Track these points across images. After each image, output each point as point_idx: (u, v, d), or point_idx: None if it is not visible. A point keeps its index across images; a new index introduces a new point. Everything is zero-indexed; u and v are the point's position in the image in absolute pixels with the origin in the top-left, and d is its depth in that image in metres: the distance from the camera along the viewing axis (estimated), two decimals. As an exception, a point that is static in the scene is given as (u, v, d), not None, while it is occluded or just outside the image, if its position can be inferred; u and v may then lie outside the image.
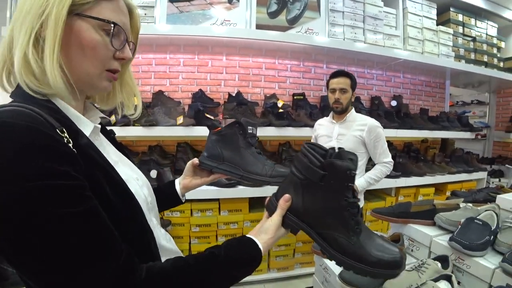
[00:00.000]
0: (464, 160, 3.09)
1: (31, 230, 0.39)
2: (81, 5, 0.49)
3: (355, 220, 0.60)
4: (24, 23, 0.47)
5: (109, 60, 0.55)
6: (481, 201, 1.51)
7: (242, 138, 0.80)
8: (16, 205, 0.38)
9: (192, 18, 2.14)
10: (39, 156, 0.40)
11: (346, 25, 2.44)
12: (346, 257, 0.59)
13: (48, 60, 0.47)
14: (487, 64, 3.20)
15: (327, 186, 0.59)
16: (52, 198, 0.40)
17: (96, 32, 0.51)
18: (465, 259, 1.04)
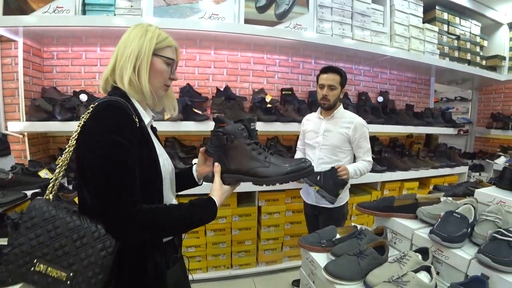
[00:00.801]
0: (447, 155, 3.19)
1: (101, 160, 0.75)
2: (157, 50, 0.90)
3: (261, 151, 0.92)
4: (130, 60, 0.86)
5: (166, 79, 0.94)
6: (460, 195, 1.57)
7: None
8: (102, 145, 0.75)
9: (180, 11, 2.11)
10: (121, 124, 0.78)
11: (334, 21, 2.46)
12: (269, 177, 0.88)
13: (143, 81, 0.88)
14: (470, 62, 3.29)
15: (233, 143, 0.92)
16: (116, 148, 0.76)
17: (164, 64, 0.92)
18: (444, 250, 1.09)
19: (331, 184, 1.63)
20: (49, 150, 2.46)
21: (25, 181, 1.70)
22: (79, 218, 0.75)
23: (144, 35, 0.88)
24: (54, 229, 0.73)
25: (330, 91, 1.79)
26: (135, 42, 0.87)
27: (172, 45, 0.94)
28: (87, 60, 2.47)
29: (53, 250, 0.72)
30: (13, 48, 2.21)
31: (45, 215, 0.75)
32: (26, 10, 1.98)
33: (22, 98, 2.14)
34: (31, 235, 0.73)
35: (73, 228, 0.73)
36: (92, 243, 0.72)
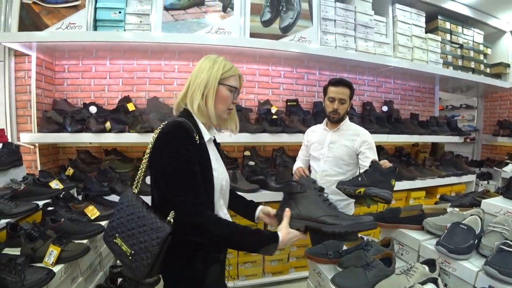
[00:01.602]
0: (454, 164, 3.18)
1: (173, 170, 0.91)
2: (222, 79, 1.04)
3: (329, 203, 1.05)
4: (200, 89, 1.02)
5: (230, 104, 1.08)
6: (467, 205, 1.57)
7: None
8: (170, 156, 0.92)
9: (187, 26, 2.18)
10: (184, 139, 0.95)
11: (337, 33, 2.51)
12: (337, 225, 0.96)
13: (209, 106, 1.03)
14: (474, 70, 3.30)
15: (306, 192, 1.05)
16: (182, 157, 0.92)
17: (228, 91, 1.05)
18: (451, 262, 1.09)
19: (378, 176, 1.30)
20: (59, 160, 2.51)
21: (36, 191, 1.74)
22: (147, 210, 0.94)
23: (212, 67, 1.03)
24: (131, 215, 0.94)
25: (341, 105, 1.76)
26: (204, 72, 1.03)
27: (235, 74, 1.07)
28: (97, 73, 2.54)
29: (126, 230, 0.93)
30: (26, 62, 2.29)
31: (129, 203, 0.97)
32: (40, 26, 2.06)
33: (34, 110, 2.21)
34: (119, 215, 0.96)
35: (141, 217, 0.92)
36: (149, 231, 0.89)
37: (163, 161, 0.94)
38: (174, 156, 0.92)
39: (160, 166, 0.95)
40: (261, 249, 0.95)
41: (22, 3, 2.07)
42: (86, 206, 1.73)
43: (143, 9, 2.16)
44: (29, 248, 1.24)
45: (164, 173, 0.93)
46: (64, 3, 2.08)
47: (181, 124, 0.96)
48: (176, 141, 0.93)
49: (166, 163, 0.93)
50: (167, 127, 0.96)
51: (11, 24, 2.06)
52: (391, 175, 1.29)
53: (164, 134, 0.95)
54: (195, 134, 0.98)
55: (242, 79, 1.14)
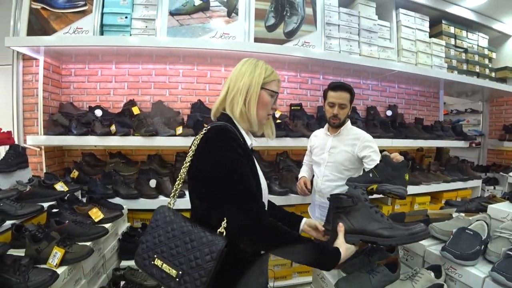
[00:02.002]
0: (459, 169, 3.14)
1: (227, 176, 0.86)
2: (264, 84, 1.00)
3: (382, 214, 1.02)
4: (241, 94, 0.98)
5: (270, 109, 1.05)
6: (473, 210, 1.55)
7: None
8: (223, 161, 0.87)
9: (192, 31, 2.20)
10: (234, 144, 0.90)
11: (341, 38, 2.52)
12: (394, 237, 0.96)
13: (252, 112, 0.99)
14: (479, 74, 3.28)
15: (357, 205, 1.02)
16: (235, 160, 0.87)
17: (269, 96, 1.02)
18: (457, 268, 1.08)
19: (391, 171, 1.22)
20: (64, 163, 2.53)
21: (41, 193, 1.75)
22: (192, 224, 0.87)
23: (254, 71, 1.00)
24: (172, 231, 0.85)
25: (341, 110, 1.73)
26: (246, 76, 0.99)
27: (276, 79, 1.04)
28: (103, 77, 2.58)
29: (169, 249, 0.84)
30: (34, 65, 2.33)
31: (166, 218, 0.88)
32: (49, 31, 2.10)
33: (41, 113, 2.24)
34: (155, 234, 0.87)
35: (186, 232, 0.84)
36: (199, 247, 0.81)
37: (214, 167, 0.87)
38: (226, 160, 0.86)
39: (210, 173, 0.88)
40: (320, 263, 0.93)
41: (31, 8, 2.11)
42: (90, 208, 1.74)
43: (149, 14, 2.19)
44: (34, 249, 1.25)
45: (216, 180, 0.87)
46: (72, 8, 2.12)
47: (227, 128, 0.93)
48: (226, 145, 0.88)
49: (217, 169, 0.87)
50: (212, 132, 0.91)
51: (20, 28, 2.10)
52: (404, 169, 1.21)
53: (211, 139, 0.90)
54: (241, 139, 0.95)
55: (280, 81, 1.10)
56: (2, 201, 1.43)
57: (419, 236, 0.97)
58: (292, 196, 2.33)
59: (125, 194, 2.09)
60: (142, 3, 2.19)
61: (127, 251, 1.87)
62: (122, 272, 1.70)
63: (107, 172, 2.30)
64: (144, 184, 2.16)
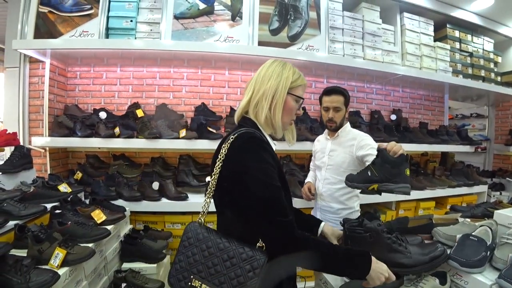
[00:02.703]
0: (464, 174, 3.10)
1: (260, 189, 0.81)
2: (291, 89, 0.96)
3: (400, 243, 1.04)
4: (267, 99, 0.93)
5: (294, 115, 1.01)
6: (479, 216, 1.52)
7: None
8: (253, 170, 0.83)
9: (196, 34, 2.22)
10: (265, 154, 0.86)
11: (345, 42, 2.51)
12: (415, 267, 0.99)
13: (277, 118, 0.94)
14: (485, 79, 3.26)
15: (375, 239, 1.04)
16: (267, 174, 0.83)
17: (294, 101, 0.98)
18: (463, 275, 1.05)
19: (389, 168, 1.13)
20: (68, 164, 2.55)
21: (45, 194, 1.76)
22: (228, 240, 0.82)
23: (281, 74, 0.94)
24: (207, 249, 0.81)
25: (336, 113, 1.75)
26: (273, 80, 0.94)
27: (303, 84, 0.99)
28: (107, 80, 2.60)
29: (206, 268, 0.80)
30: (40, 68, 2.36)
31: (199, 236, 0.84)
32: (55, 34, 2.13)
33: (46, 114, 2.26)
34: (188, 253, 0.83)
35: (223, 249, 0.80)
36: (240, 263, 0.78)
37: (247, 178, 0.82)
38: (258, 172, 0.82)
39: (242, 185, 0.83)
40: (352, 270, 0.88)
41: (38, 12, 2.14)
42: (93, 210, 1.74)
43: (154, 18, 2.21)
44: (36, 249, 1.26)
45: (248, 192, 0.82)
46: (78, 11, 2.15)
47: (256, 135, 0.87)
48: (257, 155, 0.84)
49: (250, 181, 0.82)
50: (241, 141, 0.86)
51: (27, 32, 2.13)
52: (403, 164, 1.12)
53: (241, 148, 0.85)
54: (270, 147, 0.90)
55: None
56: (6, 202, 1.44)
57: (440, 261, 1.00)
58: (295, 200, 2.31)
59: (128, 196, 2.10)
60: (147, 7, 2.22)
61: (129, 253, 1.87)
62: (123, 274, 1.69)
63: (111, 174, 2.31)
64: (147, 187, 2.16)
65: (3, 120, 2.54)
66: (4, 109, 2.37)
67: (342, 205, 1.78)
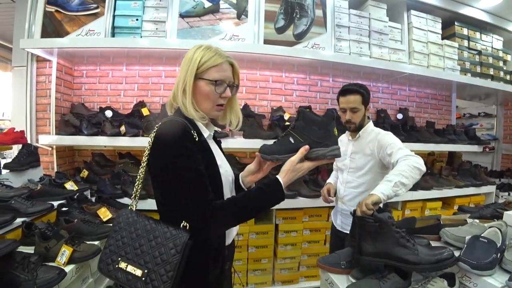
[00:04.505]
0: (472, 174, 3.06)
1: (172, 170, 0.85)
2: (200, 73, 0.94)
3: (408, 239, 1.03)
4: (180, 87, 0.94)
5: (216, 100, 0.96)
6: (488, 217, 1.50)
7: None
8: (169, 156, 0.86)
9: (202, 33, 2.21)
10: (182, 137, 0.87)
11: (352, 40, 2.49)
12: (420, 264, 0.98)
13: (187, 103, 0.93)
14: (493, 77, 3.20)
15: (384, 230, 1.03)
16: (182, 156, 0.85)
17: (209, 86, 0.94)
18: (472, 277, 1.04)
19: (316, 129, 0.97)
20: (74, 162, 2.57)
21: (52, 192, 1.78)
22: (155, 221, 0.86)
23: (190, 59, 0.94)
24: (135, 231, 0.84)
25: (354, 114, 1.65)
26: (183, 68, 0.95)
27: (217, 64, 0.94)
28: (113, 78, 2.61)
29: (133, 249, 0.82)
30: (47, 67, 2.38)
31: (128, 220, 0.87)
32: (62, 33, 2.14)
33: (53, 113, 2.28)
34: (118, 237, 0.85)
35: (150, 230, 0.84)
36: (164, 242, 0.81)
37: (163, 163, 0.87)
38: (173, 156, 0.85)
39: (161, 170, 0.89)
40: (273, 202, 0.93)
41: (45, 11, 2.16)
42: (99, 208, 1.76)
43: (159, 16, 2.21)
44: (43, 247, 1.27)
45: (167, 176, 0.87)
46: (84, 11, 2.16)
47: (175, 122, 0.90)
48: (172, 141, 0.86)
49: (166, 165, 0.86)
50: (161, 128, 0.89)
51: (34, 31, 2.15)
52: (331, 123, 0.97)
53: (159, 137, 0.88)
54: (193, 131, 0.91)
55: (235, 66, 1.00)
56: (14, 199, 1.46)
57: (446, 264, 0.97)
58: (300, 199, 2.31)
59: (133, 194, 2.10)
60: (152, 5, 2.22)
61: (134, 251, 1.88)
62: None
63: (116, 172, 2.32)
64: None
65: (11, 119, 2.57)
66: (12, 108, 2.40)
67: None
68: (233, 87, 1.01)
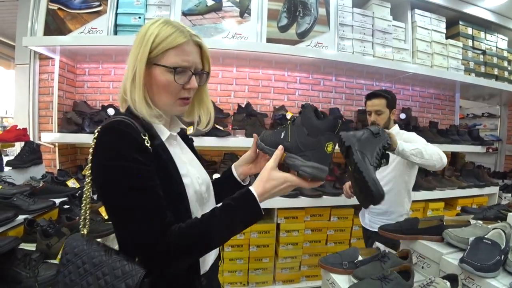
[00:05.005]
0: (475, 174, 3.04)
1: (111, 190, 0.65)
2: (155, 57, 0.71)
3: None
4: (128, 77, 0.72)
5: (179, 92, 0.75)
6: (491, 218, 1.48)
7: None
8: (108, 172, 0.65)
9: (205, 31, 2.20)
10: (124, 146, 0.65)
11: (355, 39, 2.47)
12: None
13: (136, 97, 0.71)
14: (498, 77, 3.17)
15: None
16: (125, 171, 0.64)
17: (164, 75, 0.72)
18: (475, 279, 1.03)
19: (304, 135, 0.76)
20: (77, 160, 2.58)
21: (54, 189, 1.79)
22: (106, 252, 0.66)
23: (142, 39, 0.71)
24: (82, 265, 0.66)
25: (378, 116, 1.82)
26: (133, 51, 0.72)
27: (177, 45, 0.71)
28: (116, 76, 2.61)
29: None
30: (50, 65, 2.38)
31: (75, 250, 0.68)
32: (64, 31, 2.14)
33: (56, 111, 2.28)
34: (65, 272, 0.66)
35: (97, 265, 0.65)
36: (113, 281, 0.63)
37: (101, 180, 0.66)
38: (113, 171, 0.64)
39: (100, 189, 0.66)
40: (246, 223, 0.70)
41: (48, 9, 2.15)
42: (101, 205, 1.76)
43: (162, 14, 2.20)
44: (44, 244, 1.27)
45: (106, 197, 0.66)
46: (87, 8, 2.16)
47: (118, 125, 0.67)
48: (112, 150, 0.65)
49: (105, 183, 0.66)
50: (99, 135, 0.67)
51: (37, 29, 2.15)
52: (326, 136, 0.71)
53: (98, 143, 0.66)
54: (143, 134, 0.69)
55: (204, 48, 0.77)
56: (16, 196, 1.46)
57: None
58: (302, 198, 2.30)
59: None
60: (155, 3, 2.21)
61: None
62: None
63: (118, 170, 2.32)
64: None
65: (13, 116, 2.57)
66: (15, 105, 2.41)
67: (392, 207, 1.80)
68: (202, 75, 0.79)
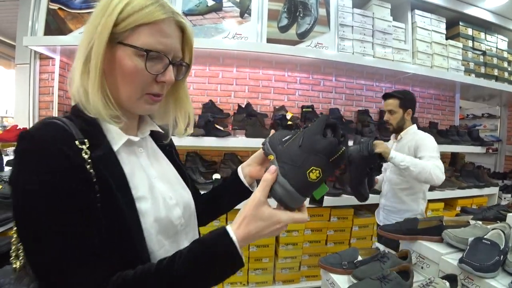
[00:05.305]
0: (475, 175, 3.04)
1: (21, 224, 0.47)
2: (121, 33, 0.52)
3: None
4: (79, 57, 0.53)
5: (148, 85, 0.56)
6: (491, 219, 1.49)
7: None
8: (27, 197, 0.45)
9: (205, 31, 2.21)
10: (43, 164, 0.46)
11: (355, 39, 2.48)
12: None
13: (90, 86, 0.52)
14: (498, 78, 3.18)
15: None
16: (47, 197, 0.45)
17: (131, 59, 0.53)
18: (474, 279, 1.03)
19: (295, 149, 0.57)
20: (77, 160, 2.58)
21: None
22: None
23: (104, 10, 0.52)
24: None
25: (391, 116, 1.93)
26: (90, 24, 0.53)
27: (153, 21, 0.52)
28: (116, 76, 2.61)
29: None
30: (50, 64, 2.38)
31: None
32: (65, 30, 2.15)
33: (56, 111, 2.29)
34: None
35: None
36: None
37: (15, 203, 0.46)
38: (30, 195, 0.45)
39: (15, 216, 0.48)
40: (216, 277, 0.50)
41: (48, 9, 2.16)
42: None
43: (162, 14, 2.20)
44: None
45: (21, 229, 0.48)
46: (87, 8, 2.16)
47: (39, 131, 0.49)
48: (27, 168, 0.46)
49: (19, 212, 0.47)
50: (18, 143, 0.48)
51: (37, 28, 2.15)
52: (318, 156, 0.52)
53: (14, 158, 0.47)
54: (81, 142, 0.49)
55: (187, 32, 0.60)
56: (17, 197, 1.46)
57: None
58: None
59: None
60: (156, 3, 2.21)
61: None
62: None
63: (118, 170, 2.32)
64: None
65: (14, 116, 2.57)
66: (15, 105, 2.41)
67: (406, 206, 1.86)
68: (181, 66, 0.63)
